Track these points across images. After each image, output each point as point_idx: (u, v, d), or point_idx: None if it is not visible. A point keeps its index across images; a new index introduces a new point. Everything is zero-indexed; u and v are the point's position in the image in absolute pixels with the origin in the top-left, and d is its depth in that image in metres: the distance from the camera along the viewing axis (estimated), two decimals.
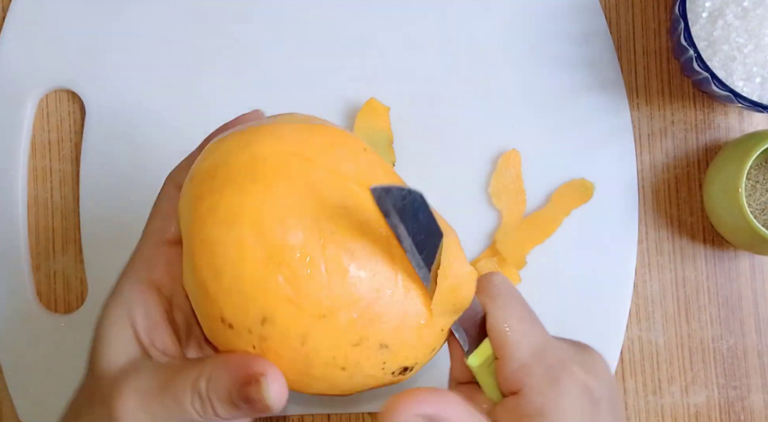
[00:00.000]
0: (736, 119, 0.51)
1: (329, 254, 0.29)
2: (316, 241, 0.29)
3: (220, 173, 0.31)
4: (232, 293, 0.30)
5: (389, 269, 0.31)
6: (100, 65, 0.50)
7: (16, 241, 0.49)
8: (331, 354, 0.30)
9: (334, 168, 0.31)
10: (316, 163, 0.31)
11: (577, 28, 0.50)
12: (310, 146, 0.31)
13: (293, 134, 0.32)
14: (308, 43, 0.50)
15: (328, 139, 0.32)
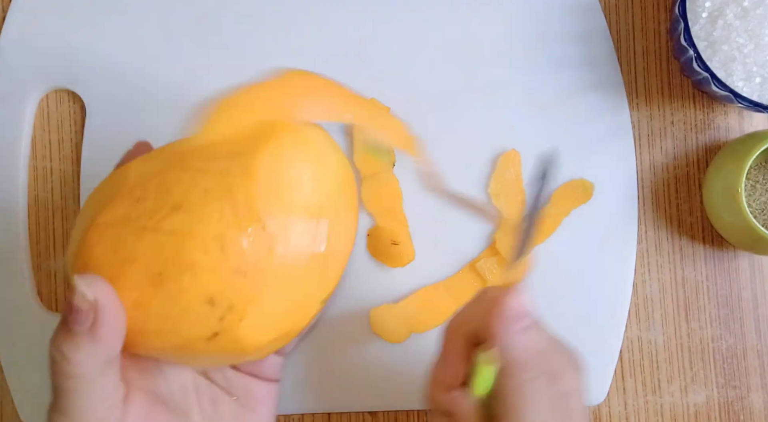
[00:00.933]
0: (736, 119, 0.51)
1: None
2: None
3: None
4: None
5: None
6: (100, 65, 0.50)
7: (16, 241, 0.49)
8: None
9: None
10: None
11: (576, 29, 0.50)
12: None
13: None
14: (308, 44, 0.50)
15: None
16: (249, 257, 0.31)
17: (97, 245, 0.32)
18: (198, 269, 0.31)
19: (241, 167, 0.32)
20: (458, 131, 0.50)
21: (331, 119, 0.37)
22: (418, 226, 0.49)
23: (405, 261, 0.49)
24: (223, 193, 0.32)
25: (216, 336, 0.32)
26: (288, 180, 0.33)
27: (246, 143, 0.33)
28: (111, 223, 0.32)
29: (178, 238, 0.31)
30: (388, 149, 0.49)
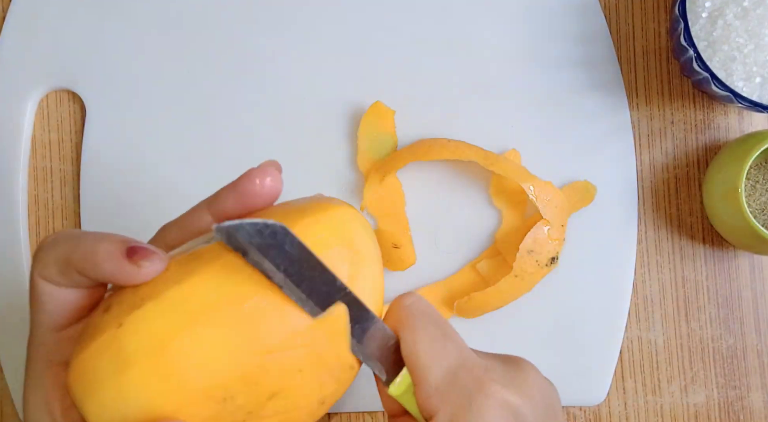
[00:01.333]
0: (736, 119, 0.51)
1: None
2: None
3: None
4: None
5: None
6: (100, 65, 0.50)
7: (16, 241, 0.49)
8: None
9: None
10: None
11: (576, 29, 0.50)
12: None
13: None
14: (309, 44, 0.50)
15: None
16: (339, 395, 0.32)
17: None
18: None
19: (323, 330, 0.30)
20: (458, 131, 0.50)
21: None
22: (419, 228, 0.49)
23: (406, 265, 0.49)
24: (316, 365, 0.30)
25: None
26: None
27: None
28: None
29: (283, 418, 0.30)
30: (393, 149, 0.49)
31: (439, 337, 0.32)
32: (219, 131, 0.50)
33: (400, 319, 0.32)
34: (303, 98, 0.50)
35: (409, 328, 0.32)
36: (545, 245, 0.48)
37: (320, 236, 0.30)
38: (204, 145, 0.49)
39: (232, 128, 0.50)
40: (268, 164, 0.32)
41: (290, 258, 0.29)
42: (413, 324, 0.32)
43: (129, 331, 0.29)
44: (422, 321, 0.32)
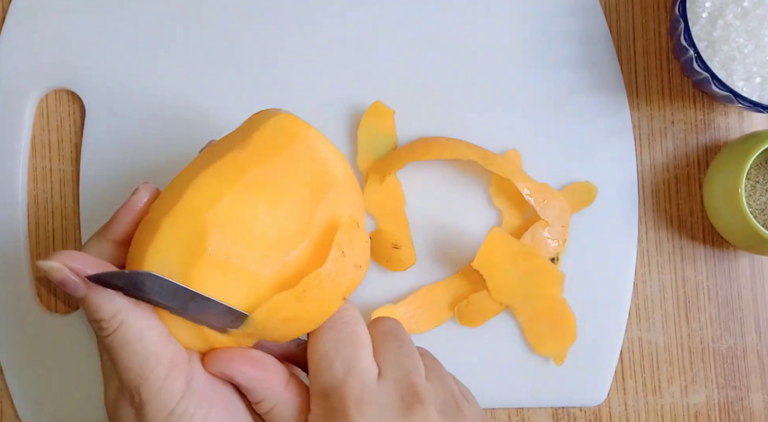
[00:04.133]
0: (736, 119, 0.51)
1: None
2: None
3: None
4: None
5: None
6: (100, 65, 0.50)
7: (15, 241, 0.49)
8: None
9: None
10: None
11: (577, 28, 0.50)
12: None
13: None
14: (309, 45, 0.50)
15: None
16: (359, 252, 0.37)
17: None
18: (334, 276, 0.36)
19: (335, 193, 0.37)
20: (458, 131, 0.50)
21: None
22: (419, 228, 0.49)
23: (406, 265, 0.49)
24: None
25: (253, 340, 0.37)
26: (329, 159, 0.38)
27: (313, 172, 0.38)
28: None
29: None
30: (392, 149, 0.49)
31: (331, 354, 0.36)
32: (219, 131, 0.50)
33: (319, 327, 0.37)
34: (303, 98, 0.50)
35: (312, 339, 0.37)
36: (544, 245, 0.48)
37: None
38: (204, 145, 0.49)
39: (233, 128, 0.50)
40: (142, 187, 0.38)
41: (166, 292, 0.34)
42: (316, 336, 0.37)
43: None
44: (325, 335, 0.37)
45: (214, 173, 0.36)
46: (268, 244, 0.35)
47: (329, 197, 0.37)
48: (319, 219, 0.36)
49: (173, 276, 0.34)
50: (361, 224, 0.38)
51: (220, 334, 0.36)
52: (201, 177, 0.36)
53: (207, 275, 0.34)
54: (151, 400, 0.33)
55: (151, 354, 0.34)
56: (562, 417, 0.50)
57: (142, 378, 0.33)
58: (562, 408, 0.50)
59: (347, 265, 0.36)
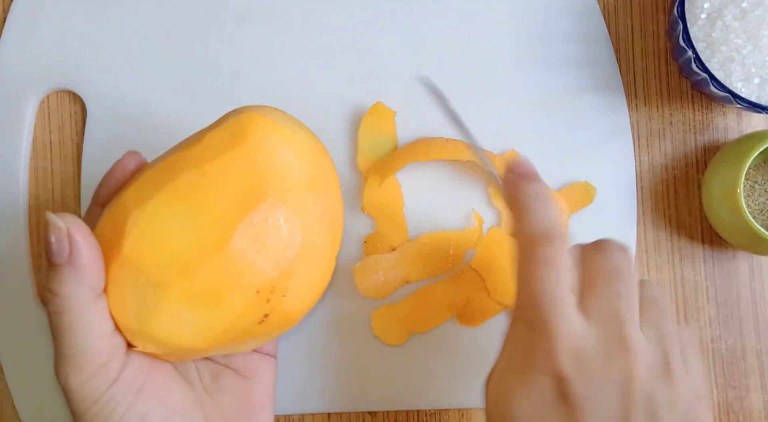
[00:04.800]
0: (735, 120, 0.51)
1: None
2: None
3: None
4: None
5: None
6: (101, 66, 0.50)
7: (16, 241, 0.49)
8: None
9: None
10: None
11: (575, 29, 0.50)
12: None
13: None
14: (309, 44, 0.50)
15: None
16: (279, 244, 0.35)
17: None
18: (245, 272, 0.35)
19: (247, 177, 0.35)
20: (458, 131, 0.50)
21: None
22: (418, 229, 0.49)
23: None
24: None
25: (266, 317, 0.36)
26: (283, 166, 0.36)
27: (234, 142, 0.36)
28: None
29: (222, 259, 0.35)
30: (393, 150, 0.49)
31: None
32: None
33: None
34: (304, 98, 0.50)
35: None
36: None
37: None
38: None
39: None
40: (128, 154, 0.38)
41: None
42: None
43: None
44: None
45: (154, 173, 0.36)
46: (179, 253, 0.34)
47: (261, 208, 0.34)
48: (243, 232, 0.34)
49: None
50: (309, 234, 0.36)
51: (228, 330, 0.36)
52: (144, 175, 0.36)
53: (120, 275, 0.34)
54: (77, 388, 0.34)
55: (92, 348, 0.34)
56: None
57: (75, 366, 0.34)
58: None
59: (257, 261, 0.35)
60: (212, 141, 0.36)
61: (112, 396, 0.34)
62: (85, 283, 0.34)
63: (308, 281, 0.37)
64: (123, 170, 0.38)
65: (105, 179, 0.39)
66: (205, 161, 0.35)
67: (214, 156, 0.35)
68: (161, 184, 0.35)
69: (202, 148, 0.36)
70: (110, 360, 0.34)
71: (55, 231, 0.33)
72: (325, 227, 0.37)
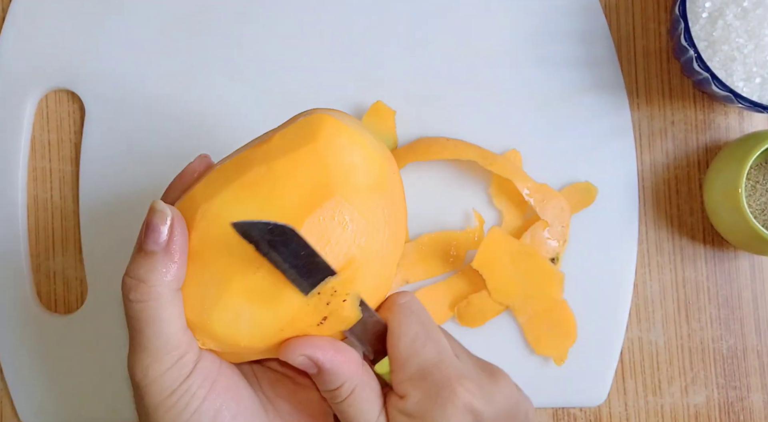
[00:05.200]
0: (736, 120, 0.51)
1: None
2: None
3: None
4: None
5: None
6: (99, 66, 0.50)
7: (15, 241, 0.49)
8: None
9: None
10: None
11: (577, 28, 0.50)
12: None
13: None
14: (309, 44, 0.50)
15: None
16: (344, 243, 0.35)
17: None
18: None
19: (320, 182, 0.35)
20: (458, 131, 0.50)
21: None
22: (419, 229, 0.49)
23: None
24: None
25: (325, 319, 0.36)
26: (351, 167, 0.36)
27: (304, 141, 0.36)
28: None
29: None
30: (393, 149, 0.49)
31: (422, 336, 0.36)
32: (219, 131, 0.50)
33: (391, 312, 0.37)
34: (304, 97, 0.50)
35: (397, 323, 0.36)
36: (544, 246, 0.48)
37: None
38: (204, 145, 0.49)
39: (233, 128, 0.50)
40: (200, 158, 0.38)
41: (295, 255, 0.33)
42: (401, 320, 0.37)
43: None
44: (410, 319, 0.37)
45: (223, 170, 0.36)
46: (243, 247, 0.34)
47: (327, 205, 0.34)
48: (309, 228, 0.34)
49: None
50: (373, 237, 0.36)
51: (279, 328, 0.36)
52: (214, 172, 0.36)
53: (188, 270, 0.34)
54: (156, 379, 0.34)
55: (173, 339, 0.34)
56: (562, 418, 0.50)
57: (156, 358, 0.34)
58: (562, 409, 0.50)
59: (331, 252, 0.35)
60: (282, 140, 0.36)
61: (188, 388, 0.34)
62: (174, 273, 0.34)
63: (370, 286, 0.36)
64: (192, 173, 0.38)
65: (175, 181, 0.38)
66: (274, 158, 0.35)
67: (284, 154, 0.35)
68: (230, 179, 0.35)
69: (271, 146, 0.36)
70: (187, 352, 0.35)
71: (161, 217, 0.34)
72: (389, 232, 0.36)
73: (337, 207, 0.35)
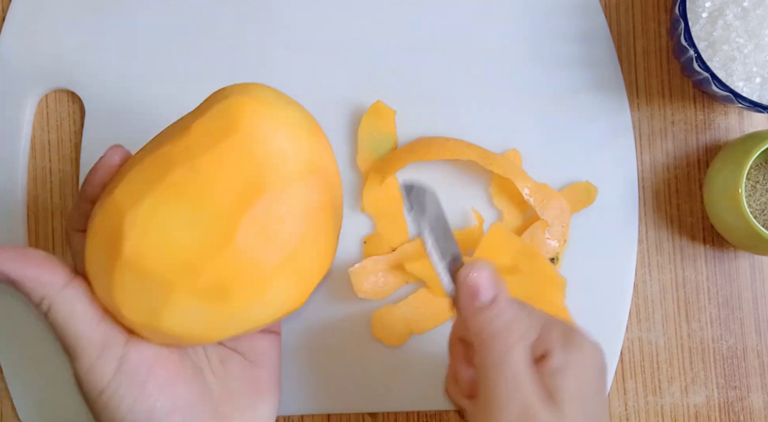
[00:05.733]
0: (736, 120, 0.51)
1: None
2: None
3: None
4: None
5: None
6: (99, 66, 0.50)
7: (15, 241, 0.49)
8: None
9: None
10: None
11: (577, 28, 0.50)
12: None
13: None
14: (308, 45, 0.50)
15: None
16: (283, 236, 0.35)
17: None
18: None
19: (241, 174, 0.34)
20: (458, 131, 0.50)
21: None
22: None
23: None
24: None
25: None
26: (278, 154, 0.34)
27: (222, 129, 0.35)
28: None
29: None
30: (393, 149, 0.49)
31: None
32: None
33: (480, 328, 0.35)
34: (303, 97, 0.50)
35: (480, 350, 0.35)
36: (544, 246, 0.48)
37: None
38: None
39: None
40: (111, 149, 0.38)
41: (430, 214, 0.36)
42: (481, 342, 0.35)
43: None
44: (489, 340, 0.35)
45: (144, 169, 0.35)
46: (183, 253, 0.34)
47: (262, 201, 0.34)
48: (246, 228, 0.34)
49: (104, 274, 0.35)
50: (311, 221, 0.35)
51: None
52: (134, 170, 0.35)
53: (126, 278, 0.34)
54: (82, 379, 0.35)
55: (81, 337, 0.35)
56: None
57: (74, 357, 0.35)
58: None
59: (261, 254, 0.34)
60: (201, 131, 0.35)
61: (117, 387, 0.35)
62: (45, 282, 0.35)
63: (312, 266, 0.37)
64: (108, 167, 0.38)
65: (90, 175, 0.38)
66: (196, 156, 0.34)
67: (206, 149, 0.34)
68: (154, 181, 0.34)
69: (191, 139, 0.35)
70: (106, 348, 0.35)
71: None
72: (325, 212, 0.36)
73: (271, 203, 0.34)
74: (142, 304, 0.35)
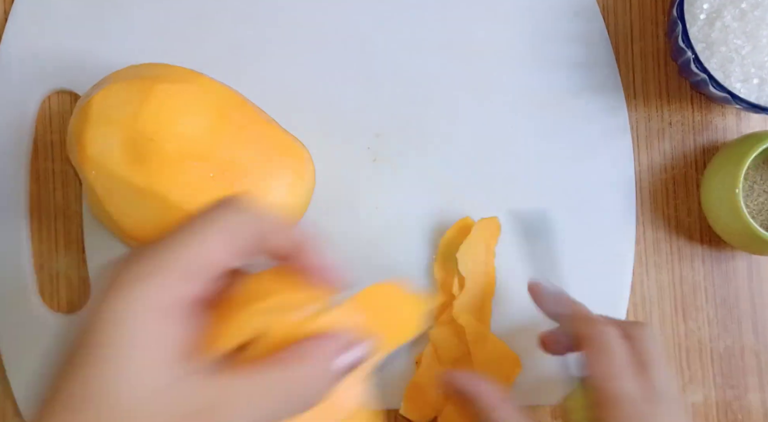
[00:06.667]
0: (734, 120, 0.51)
1: None
2: None
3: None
4: None
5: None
6: (101, 67, 0.50)
7: (18, 241, 0.50)
8: None
9: None
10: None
11: (575, 30, 0.50)
12: None
13: None
14: (308, 45, 0.50)
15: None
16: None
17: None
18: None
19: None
20: (457, 132, 0.50)
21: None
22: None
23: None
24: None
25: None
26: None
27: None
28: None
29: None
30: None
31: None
32: None
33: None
34: (304, 99, 0.50)
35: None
36: None
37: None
38: None
39: None
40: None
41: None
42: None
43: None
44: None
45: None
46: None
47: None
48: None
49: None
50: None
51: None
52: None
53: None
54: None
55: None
56: (562, 417, 0.50)
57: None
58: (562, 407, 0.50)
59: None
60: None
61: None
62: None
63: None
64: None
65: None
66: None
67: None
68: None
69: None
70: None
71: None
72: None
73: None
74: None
